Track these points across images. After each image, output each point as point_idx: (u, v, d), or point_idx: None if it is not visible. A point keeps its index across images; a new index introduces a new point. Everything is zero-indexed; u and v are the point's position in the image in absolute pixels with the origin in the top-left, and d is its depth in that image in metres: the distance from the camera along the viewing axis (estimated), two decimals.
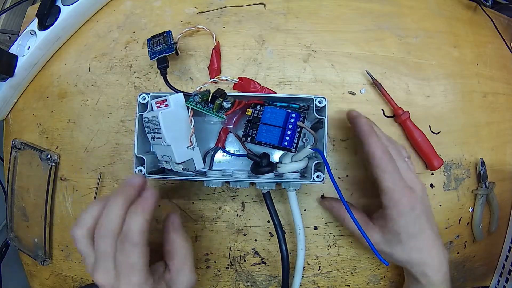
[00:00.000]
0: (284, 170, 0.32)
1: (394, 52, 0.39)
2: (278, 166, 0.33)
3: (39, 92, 0.41)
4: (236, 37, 0.39)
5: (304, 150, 0.32)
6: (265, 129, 0.31)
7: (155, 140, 0.31)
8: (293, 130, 0.30)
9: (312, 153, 0.32)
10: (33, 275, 0.43)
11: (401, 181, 0.29)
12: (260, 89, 0.37)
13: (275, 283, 0.38)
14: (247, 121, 0.33)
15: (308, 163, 0.33)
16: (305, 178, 0.32)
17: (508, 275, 0.41)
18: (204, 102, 0.31)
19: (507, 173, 0.42)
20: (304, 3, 0.39)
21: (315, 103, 0.31)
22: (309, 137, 0.35)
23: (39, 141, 0.41)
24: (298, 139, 0.31)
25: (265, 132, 0.31)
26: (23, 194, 0.42)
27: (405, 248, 0.30)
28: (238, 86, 0.37)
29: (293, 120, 0.30)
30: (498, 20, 0.43)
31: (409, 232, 0.30)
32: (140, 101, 0.32)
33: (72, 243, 0.40)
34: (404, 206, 0.29)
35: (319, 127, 0.33)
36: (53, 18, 0.38)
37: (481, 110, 0.41)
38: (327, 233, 0.38)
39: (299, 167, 0.32)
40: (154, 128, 0.30)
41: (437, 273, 0.31)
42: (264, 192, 0.34)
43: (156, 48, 0.35)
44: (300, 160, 0.33)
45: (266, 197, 0.34)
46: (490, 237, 0.42)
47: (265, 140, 0.31)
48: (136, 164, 0.32)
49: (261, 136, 0.31)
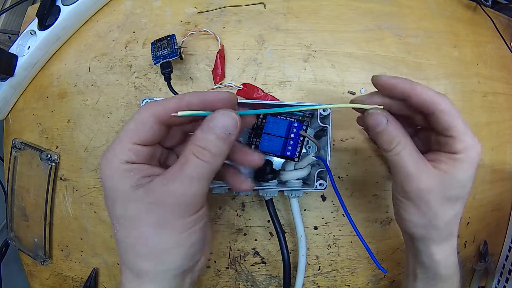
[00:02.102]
0: (287, 177, 0.32)
1: (394, 52, 0.39)
2: (281, 173, 0.33)
3: (39, 92, 0.41)
4: (236, 37, 0.39)
5: (307, 158, 0.32)
6: (268, 139, 0.31)
7: None
8: (295, 139, 0.30)
9: (315, 160, 0.32)
10: (33, 275, 0.43)
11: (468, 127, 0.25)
12: (264, 96, 0.37)
13: (275, 283, 0.38)
14: (251, 129, 0.33)
15: (311, 171, 0.33)
16: (308, 186, 0.32)
17: (508, 275, 0.41)
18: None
19: (507, 173, 0.42)
20: (304, 3, 0.39)
21: (319, 111, 0.31)
22: (312, 144, 0.35)
23: (39, 141, 0.41)
24: (301, 147, 0.31)
25: (267, 142, 0.31)
26: (23, 194, 0.42)
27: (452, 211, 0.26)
28: (242, 92, 0.37)
29: (295, 130, 0.30)
30: (498, 20, 0.43)
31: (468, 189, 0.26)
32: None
33: (72, 243, 0.40)
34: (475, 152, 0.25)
35: (322, 135, 0.33)
36: (53, 18, 0.38)
37: (481, 110, 0.41)
38: (327, 233, 0.38)
39: (301, 175, 0.32)
40: None
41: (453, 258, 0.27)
42: (266, 199, 0.34)
43: (160, 53, 0.35)
44: (303, 168, 0.32)
45: (268, 204, 0.34)
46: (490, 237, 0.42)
47: (268, 150, 0.31)
48: None
49: (264, 146, 0.31)
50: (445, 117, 0.24)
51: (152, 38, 0.38)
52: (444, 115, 0.24)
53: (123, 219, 0.21)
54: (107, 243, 0.39)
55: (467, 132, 0.24)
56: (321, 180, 0.31)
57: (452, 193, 0.25)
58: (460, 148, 0.24)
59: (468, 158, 0.24)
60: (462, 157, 0.24)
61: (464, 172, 0.25)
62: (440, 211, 0.25)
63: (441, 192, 0.25)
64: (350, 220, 0.28)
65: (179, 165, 0.21)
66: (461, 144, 0.24)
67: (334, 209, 0.38)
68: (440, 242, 0.27)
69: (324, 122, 0.31)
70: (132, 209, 0.21)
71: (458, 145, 0.24)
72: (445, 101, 0.24)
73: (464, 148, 0.24)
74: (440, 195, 0.25)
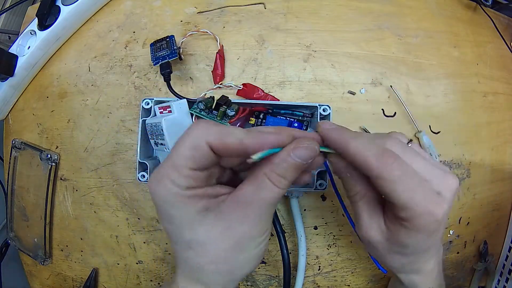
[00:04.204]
0: None
1: (394, 52, 0.39)
2: None
3: (39, 92, 0.41)
4: (236, 37, 0.39)
5: None
6: None
7: (158, 146, 0.31)
8: None
9: None
10: (33, 275, 0.43)
11: (423, 186, 0.21)
12: (264, 96, 0.37)
13: (275, 283, 0.38)
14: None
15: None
16: (308, 186, 0.32)
17: (508, 275, 0.41)
18: (208, 109, 0.31)
19: (507, 173, 0.42)
20: (304, 3, 0.39)
21: (319, 111, 0.31)
22: None
23: (39, 141, 0.41)
24: None
25: None
26: (23, 194, 0.42)
27: (403, 260, 0.25)
28: (242, 93, 0.37)
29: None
30: (498, 20, 0.43)
31: (418, 248, 0.24)
32: (143, 106, 0.32)
33: (72, 243, 0.40)
34: (426, 221, 0.21)
35: None
36: (53, 18, 0.38)
37: (481, 110, 0.41)
38: (327, 233, 0.38)
39: None
40: (157, 134, 0.30)
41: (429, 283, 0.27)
42: None
43: (159, 54, 0.35)
44: None
45: None
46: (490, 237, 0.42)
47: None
48: (138, 169, 0.32)
49: None
50: (383, 183, 0.21)
51: (152, 38, 0.38)
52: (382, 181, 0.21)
53: (194, 244, 0.22)
54: (107, 243, 0.39)
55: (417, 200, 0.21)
56: (321, 180, 0.31)
57: (398, 250, 0.24)
58: (403, 217, 0.22)
59: (414, 226, 0.22)
60: (406, 224, 0.22)
61: (409, 238, 0.23)
62: (388, 259, 0.26)
63: (387, 246, 0.24)
64: (350, 220, 0.28)
65: (253, 189, 0.21)
66: (403, 213, 0.21)
67: (334, 209, 0.38)
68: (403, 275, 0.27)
69: None
70: (203, 234, 0.21)
71: (402, 214, 0.22)
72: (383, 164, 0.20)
73: (408, 217, 0.21)
74: (387, 247, 0.24)
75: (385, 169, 0.20)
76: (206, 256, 0.22)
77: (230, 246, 0.21)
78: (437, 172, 0.22)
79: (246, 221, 0.21)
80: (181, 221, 0.21)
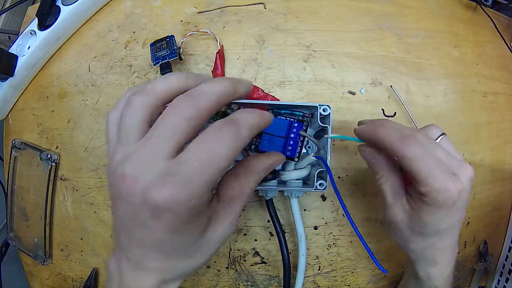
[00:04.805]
0: (287, 177, 0.32)
1: (394, 52, 0.39)
2: (281, 173, 0.33)
3: (39, 92, 0.41)
4: (236, 37, 0.39)
5: (307, 158, 0.32)
6: (268, 139, 0.31)
7: None
8: (295, 139, 0.30)
9: (315, 160, 0.32)
10: (33, 275, 0.43)
11: (441, 166, 0.24)
12: (264, 96, 0.37)
13: (275, 283, 0.38)
14: None
15: (311, 171, 0.33)
16: (308, 186, 0.32)
17: (508, 275, 0.41)
18: None
19: (507, 173, 0.42)
20: (304, 3, 0.39)
21: (319, 111, 0.31)
22: (312, 144, 0.35)
23: (39, 141, 0.41)
24: (301, 147, 0.31)
25: (267, 142, 0.30)
26: (23, 194, 0.42)
27: (424, 242, 0.27)
28: None
29: (296, 130, 0.30)
30: (498, 20, 0.43)
31: (438, 228, 0.26)
32: None
33: (72, 243, 0.40)
34: (443, 196, 0.24)
35: (322, 135, 0.33)
36: (53, 18, 0.38)
37: (481, 110, 0.41)
38: (327, 233, 0.38)
39: (301, 175, 0.32)
40: None
41: (441, 280, 0.29)
42: (267, 199, 0.34)
43: (159, 54, 0.35)
44: (302, 168, 0.32)
45: (268, 204, 0.34)
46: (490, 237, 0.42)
47: (268, 150, 0.30)
48: None
49: (264, 146, 0.31)
50: (406, 161, 0.24)
51: (152, 38, 0.38)
52: (405, 160, 0.24)
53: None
54: (107, 243, 0.39)
55: (435, 175, 0.23)
56: (321, 180, 0.31)
57: (420, 230, 0.26)
58: (423, 191, 0.24)
59: (434, 201, 0.24)
60: (427, 200, 0.24)
61: (429, 215, 0.25)
62: (411, 239, 0.28)
63: (410, 225, 0.27)
64: (350, 220, 0.28)
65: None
66: (424, 188, 0.24)
67: (334, 209, 0.38)
68: (421, 264, 0.29)
69: (324, 122, 0.31)
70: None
71: (422, 189, 0.24)
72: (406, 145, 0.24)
73: (428, 192, 0.24)
74: (410, 227, 0.27)
75: (407, 149, 0.24)
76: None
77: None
78: (455, 160, 0.25)
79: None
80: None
